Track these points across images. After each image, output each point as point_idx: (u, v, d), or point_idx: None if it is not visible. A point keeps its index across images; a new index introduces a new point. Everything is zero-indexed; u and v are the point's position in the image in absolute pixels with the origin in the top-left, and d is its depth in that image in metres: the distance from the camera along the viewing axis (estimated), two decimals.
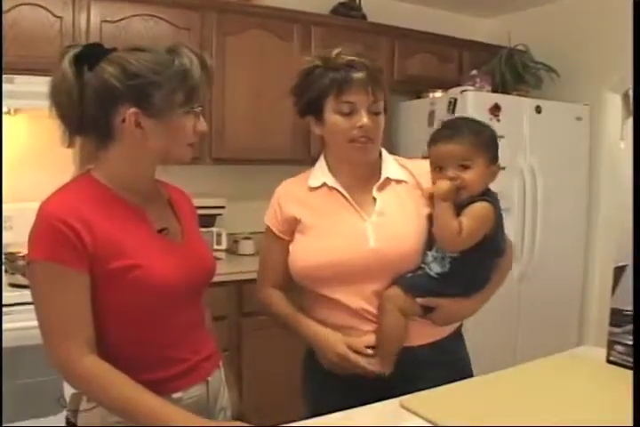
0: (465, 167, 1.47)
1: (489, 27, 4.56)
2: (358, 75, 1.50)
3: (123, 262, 1.20)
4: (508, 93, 3.71)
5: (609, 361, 1.55)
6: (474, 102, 3.36)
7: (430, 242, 1.52)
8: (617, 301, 1.54)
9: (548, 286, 3.64)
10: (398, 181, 1.60)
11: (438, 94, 3.60)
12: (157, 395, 1.19)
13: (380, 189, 1.59)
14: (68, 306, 1.17)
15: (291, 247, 1.62)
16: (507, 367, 1.57)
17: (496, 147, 1.54)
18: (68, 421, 1.29)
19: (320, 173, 1.63)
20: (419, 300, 1.51)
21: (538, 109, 3.60)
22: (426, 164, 1.57)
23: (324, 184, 1.61)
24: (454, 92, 3.45)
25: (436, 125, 1.61)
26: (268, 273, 1.70)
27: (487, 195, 1.50)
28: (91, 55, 1.22)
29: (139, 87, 1.20)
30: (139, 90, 1.20)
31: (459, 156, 1.47)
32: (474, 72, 3.72)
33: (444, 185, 1.46)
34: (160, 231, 1.32)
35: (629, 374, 1.37)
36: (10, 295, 2.38)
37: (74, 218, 1.17)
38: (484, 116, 3.30)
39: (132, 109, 1.21)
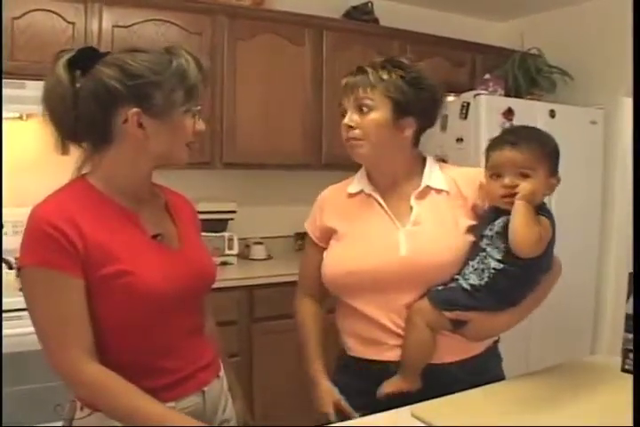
0: (524, 176, 1.41)
1: (502, 30, 4.54)
2: (350, 79, 1.52)
3: (113, 268, 1.18)
4: (522, 97, 3.68)
5: (624, 370, 1.53)
6: (487, 106, 3.34)
7: (474, 252, 1.46)
8: (631, 306, 1.51)
9: (562, 292, 3.58)
10: (439, 191, 1.55)
11: (451, 98, 3.57)
12: None
13: (419, 197, 1.55)
14: (65, 311, 1.15)
15: (324, 254, 1.61)
16: (519, 374, 1.55)
17: (557, 159, 1.47)
18: None
19: (360, 180, 1.63)
20: (447, 314, 1.44)
21: (552, 113, 3.57)
22: (473, 172, 1.55)
23: (362, 191, 1.60)
24: (467, 96, 3.43)
25: (448, 130, 1.57)
26: (304, 280, 1.73)
27: (543, 209, 1.45)
28: (84, 59, 1.21)
29: (139, 87, 1.19)
30: (140, 90, 1.19)
31: (520, 163, 1.40)
32: (487, 76, 3.69)
33: (528, 185, 1.39)
34: (154, 237, 1.30)
35: None
36: (20, 300, 2.36)
37: (65, 222, 1.15)
38: (497, 121, 3.28)
39: (135, 109, 1.20)
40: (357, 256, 1.53)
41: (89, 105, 1.20)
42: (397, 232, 1.52)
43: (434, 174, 1.57)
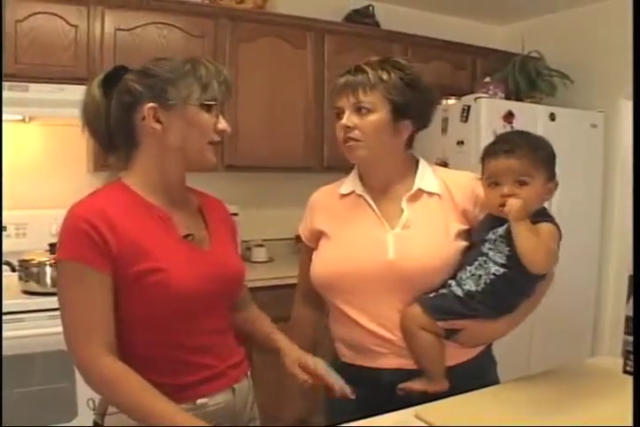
0: (522, 183, 1.39)
1: (503, 34, 4.55)
2: (349, 78, 1.49)
3: (145, 265, 1.22)
4: (522, 101, 3.69)
5: (625, 371, 1.53)
6: (487, 110, 3.35)
7: (472, 257, 1.44)
8: (631, 309, 1.51)
9: (562, 294, 3.59)
10: (431, 194, 1.53)
11: (452, 101, 3.59)
12: (182, 400, 1.23)
13: (411, 200, 1.53)
14: (88, 306, 1.19)
15: (313, 255, 1.61)
16: (520, 376, 1.55)
17: (554, 164, 1.45)
18: (95, 423, 1.30)
19: (352, 181, 1.61)
20: (440, 324, 1.43)
21: (552, 117, 3.57)
22: (464, 176, 1.54)
23: (353, 192, 1.59)
24: (468, 99, 3.44)
25: (449, 133, 1.57)
26: (300, 282, 1.74)
27: (544, 215, 1.43)
28: (117, 76, 1.31)
29: (155, 84, 1.27)
30: (155, 87, 1.27)
31: (517, 171, 1.39)
32: (487, 79, 3.71)
33: (516, 203, 1.35)
34: (185, 237, 1.34)
35: None
36: (23, 302, 2.39)
37: (99, 220, 1.20)
38: (497, 124, 3.29)
39: (150, 104, 1.27)
40: (344, 258, 1.52)
41: (116, 110, 1.29)
42: (386, 235, 1.50)
43: (426, 177, 1.56)
